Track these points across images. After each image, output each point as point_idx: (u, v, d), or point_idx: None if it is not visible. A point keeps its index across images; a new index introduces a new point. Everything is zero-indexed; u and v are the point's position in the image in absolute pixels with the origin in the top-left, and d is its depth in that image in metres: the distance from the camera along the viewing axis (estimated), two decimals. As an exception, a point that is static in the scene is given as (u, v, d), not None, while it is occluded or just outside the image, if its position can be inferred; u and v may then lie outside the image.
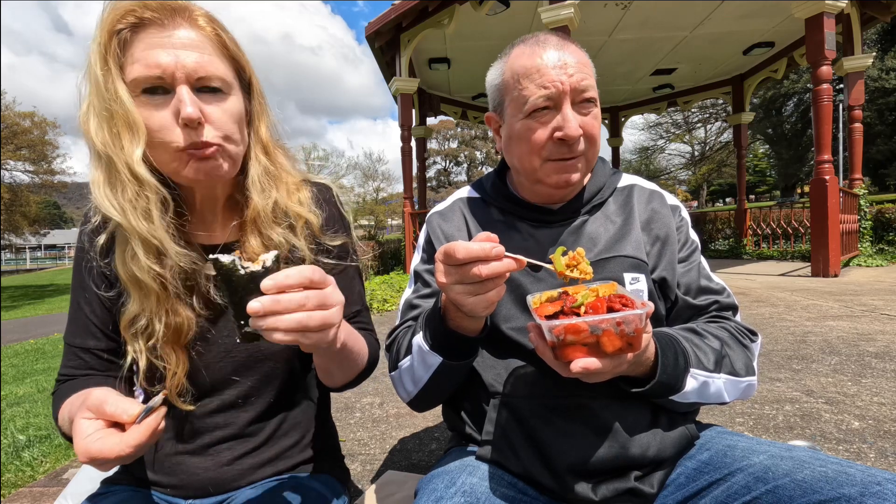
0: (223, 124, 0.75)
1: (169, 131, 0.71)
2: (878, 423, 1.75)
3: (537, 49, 0.84)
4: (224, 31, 0.78)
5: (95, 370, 0.83)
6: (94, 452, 0.56)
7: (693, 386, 0.76)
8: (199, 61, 0.72)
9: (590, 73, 0.84)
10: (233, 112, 0.76)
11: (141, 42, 0.71)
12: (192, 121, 0.71)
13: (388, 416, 2.13)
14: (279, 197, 0.84)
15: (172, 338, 0.78)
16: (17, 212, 22.55)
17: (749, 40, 8.31)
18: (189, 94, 0.71)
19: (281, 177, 0.86)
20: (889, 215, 8.70)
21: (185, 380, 0.80)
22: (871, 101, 24.00)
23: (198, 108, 0.71)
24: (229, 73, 0.77)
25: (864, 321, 3.42)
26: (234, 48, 0.78)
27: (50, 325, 8.06)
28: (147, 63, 0.70)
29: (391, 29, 7.44)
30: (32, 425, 2.55)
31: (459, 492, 0.71)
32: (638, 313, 0.60)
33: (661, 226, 0.91)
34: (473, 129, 49.20)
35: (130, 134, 0.70)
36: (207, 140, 0.73)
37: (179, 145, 0.72)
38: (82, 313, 0.83)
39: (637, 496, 0.77)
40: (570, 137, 0.81)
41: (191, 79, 0.71)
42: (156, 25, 0.71)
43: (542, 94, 0.81)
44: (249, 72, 0.82)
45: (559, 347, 0.63)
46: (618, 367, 0.64)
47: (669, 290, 0.88)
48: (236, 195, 0.85)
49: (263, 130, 0.84)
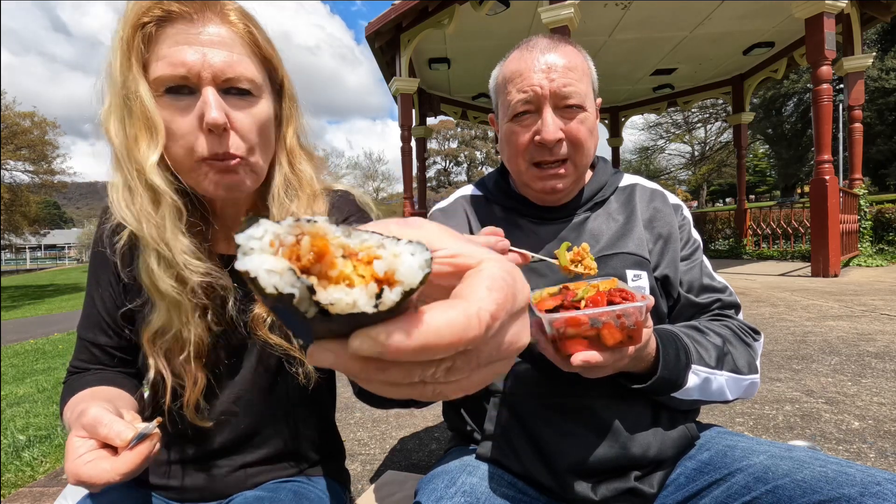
0: (249, 132, 0.70)
1: (191, 137, 0.67)
2: (878, 423, 1.75)
3: (525, 53, 0.84)
4: (257, 28, 0.73)
5: (105, 365, 0.82)
6: (82, 476, 0.56)
7: (695, 382, 0.76)
8: (227, 60, 0.67)
9: (579, 77, 0.82)
10: (261, 118, 0.72)
11: (167, 38, 0.66)
12: (218, 126, 0.66)
13: (388, 416, 2.12)
14: (296, 209, 0.79)
15: (195, 353, 0.74)
16: (17, 212, 22.54)
17: (749, 40, 8.31)
18: (215, 96, 0.66)
19: (302, 186, 0.81)
20: (889, 215, 8.70)
21: (202, 397, 0.76)
22: (871, 101, 23.99)
23: (223, 112, 0.67)
24: (260, 74, 0.72)
25: (864, 321, 3.42)
26: (267, 47, 0.74)
27: (50, 325, 8.06)
28: (172, 61, 0.65)
29: (391, 29, 7.44)
30: (32, 425, 2.55)
31: (459, 492, 0.71)
32: (638, 306, 0.60)
33: (664, 224, 0.91)
34: (473, 129, 49.21)
35: (149, 137, 0.66)
36: (231, 152, 0.68)
37: (202, 155, 0.67)
38: (95, 309, 0.82)
39: (637, 496, 0.77)
40: (547, 141, 0.81)
41: (218, 79, 0.67)
42: (184, 20, 0.66)
43: (521, 97, 0.82)
44: (282, 73, 0.77)
45: (560, 341, 0.63)
46: (619, 362, 0.64)
47: (672, 287, 0.88)
48: (258, 203, 0.81)
49: (290, 135, 0.80)
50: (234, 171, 0.70)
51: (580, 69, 0.84)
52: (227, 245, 0.82)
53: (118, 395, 0.74)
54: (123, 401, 0.73)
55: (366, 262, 0.22)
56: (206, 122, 0.66)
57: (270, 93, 0.76)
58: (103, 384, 0.77)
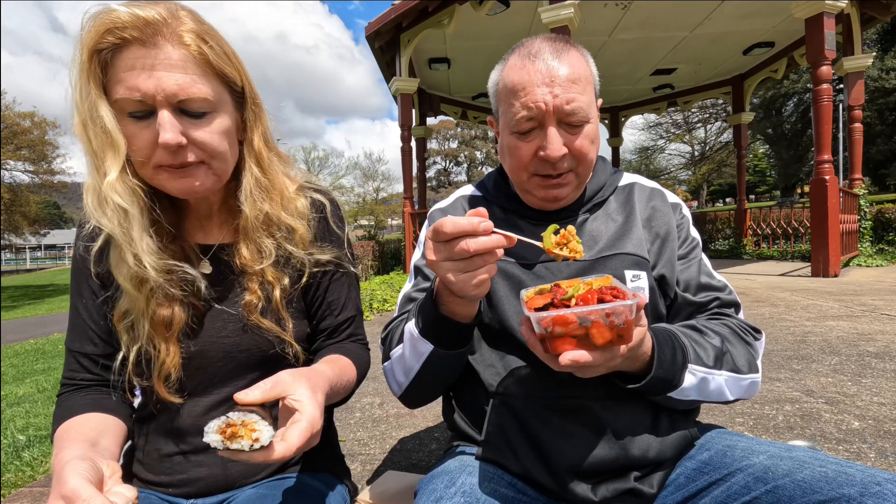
0: (207, 143, 0.74)
1: (149, 151, 0.72)
2: (878, 423, 1.75)
3: (528, 63, 0.81)
4: (211, 46, 0.74)
5: (94, 374, 0.84)
6: None
7: (692, 382, 0.76)
8: (180, 83, 0.70)
9: (582, 89, 0.81)
10: (219, 131, 0.76)
11: (123, 62, 0.69)
12: (170, 146, 0.70)
13: (388, 416, 2.12)
14: (270, 208, 0.84)
15: (160, 331, 0.79)
16: (17, 212, 22.56)
17: (749, 40, 8.31)
18: (170, 118, 0.70)
19: (274, 187, 0.85)
20: (889, 215, 8.70)
21: (177, 371, 0.80)
22: (871, 101, 23.99)
23: (178, 131, 0.71)
24: (216, 89, 0.75)
25: (864, 321, 3.42)
26: (222, 63, 0.75)
27: (50, 325, 8.06)
28: (128, 86, 0.69)
29: (391, 29, 7.45)
30: (32, 425, 2.55)
31: (459, 492, 0.71)
32: (628, 304, 0.59)
33: (662, 223, 0.91)
34: (473, 129, 49.19)
35: (112, 154, 0.70)
36: (189, 160, 0.73)
37: (160, 163, 0.72)
38: (81, 319, 0.84)
39: (637, 496, 0.77)
40: (552, 158, 0.80)
41: (171, 101, 0.70)
42: (138, 44, 0.69)
43: (525, 114, 0.81)
44: (243, 81, 0.80)
45: (549, 340, 0.62)
46: (610, 362, 0.63)
47: (668, 287, 0.88)
48: (230, 200, 0.85)
49: (257, 140, 0.83)
50: (193, 175, 0.75)
51: (584, 79, 0.82)
52: (204, 235, 0.87)
53: (104, 429, 0.76)
54: (109, 435, 0.76)
55: (251, 430, 0.58)
56: (160, 143, 0.70)
57: (231, 103, 0.79)
58: (91, 410, 0.79)
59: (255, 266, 0.84)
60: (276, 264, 0.85)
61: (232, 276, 0.85)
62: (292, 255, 0.86)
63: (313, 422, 0.60)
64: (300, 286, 0.88)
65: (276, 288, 0.84)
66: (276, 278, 0.85)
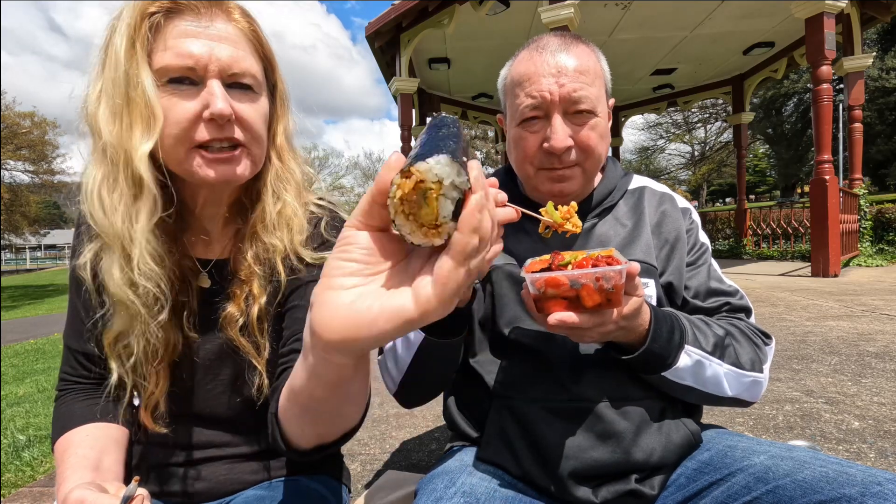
0: (253, 123, 0.71)
1: (191, 125, 0.67)
2: (878, 423, 1.75)
3: (535, 55, 0.81)
4: (260, 28, 0.75)
5: (93, 373, 0.83)
6: None
7: (686, 363, 0.75)
8: (234, 56, 0.69)
9: (591, 80, 0.80)
10: (262, 112, 0.74)
11: (174, 29, 0.66)
12: (223, 116, 0.66)
13: (388, 416, 2.12)
14: (288, 201, 0.80)
15: (151, 358, 0.74)
16: (17, 212, 22.55)
17: (749, 40, 8.31)
18: (221, 89, 0.67)
19: (291, 182, 0.82)
20: (889, 215, 8.71)
21: (164, 400, 0.76)
22: (871, 101, 23.96)
23: (229, 104, 0.68)
24: (260, 71, 0.74)
25: (864, 321, 3.42)
26: (268, 47, 0.76)
27: (50, 325, 8.05)
28: (179, 52, 0.65)
29: (391, 29, 7.44)
30: (32, 425, 2.55)
31: (459, 492, 0.71)
32: (617, 269, 0.61)
33: (672, 229, 0.90)
34: (473, 129, 49.16)
35: (143, 127, 0.65)
36: (235, 136, 0.69)
37: (199, 141, 0.67)
38: (78, 318, 0.82)
39: (637, 497, 0.77)
40: (556, 149, 0.79)
41: (224, 73, 0.68)
42: (191, 13, 0.68)
43: (530, 103, 0.80)
44: (277, 73, 0.79)
45: (541, 301, 0.64)
46: (602, 328, 0.64)
47: (675, 294, 0.88)
48: (243, 198, 0.81)
49: (280, 133, 0.81)
50: (235, 161, 0.71)
51: (592, 71, 0.81)
52: (205, 249, 0.81)
53: (105, 445, 0.75)
54: (111, 451, 0.75)
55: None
56: (211, 112, 0.66)
57: (266, 91, 0.77)
58: (91, 420, 0.77)
59: (248, 273, 0.78)
60: (263, 277, 0.78)
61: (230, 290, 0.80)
62: (300, 257, 0.80)
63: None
64: (276, 303, 0.80)
65: (255, 303, 0.77)
66: (259, 293, 0.78)
